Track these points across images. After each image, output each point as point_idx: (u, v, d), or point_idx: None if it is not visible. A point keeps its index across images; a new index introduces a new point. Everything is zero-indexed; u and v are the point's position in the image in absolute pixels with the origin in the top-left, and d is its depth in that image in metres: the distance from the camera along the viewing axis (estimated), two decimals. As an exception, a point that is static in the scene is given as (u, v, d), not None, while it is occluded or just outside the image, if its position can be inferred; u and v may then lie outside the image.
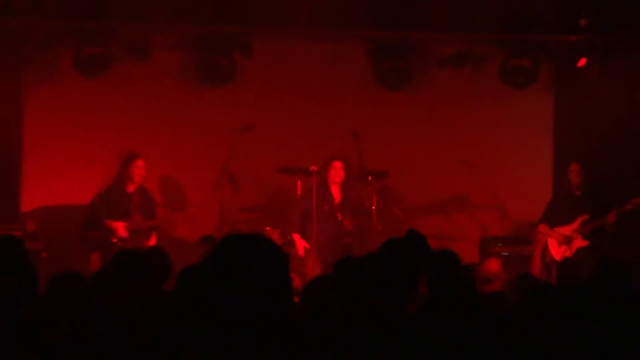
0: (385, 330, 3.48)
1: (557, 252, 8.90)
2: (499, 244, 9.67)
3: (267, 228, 9.36)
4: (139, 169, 8.82)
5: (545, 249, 9.13)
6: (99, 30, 9.56)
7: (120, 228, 8.69)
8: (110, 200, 8.74)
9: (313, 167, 9.19)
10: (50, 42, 9.72)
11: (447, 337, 3.42)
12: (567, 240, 8.83)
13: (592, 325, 3.76)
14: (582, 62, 9.93)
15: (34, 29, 9.56)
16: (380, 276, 4.05)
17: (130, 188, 8.85)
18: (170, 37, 10.07)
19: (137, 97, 10.09)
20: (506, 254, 9.37)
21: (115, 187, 8.85)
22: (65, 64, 9.74)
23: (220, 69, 9.91)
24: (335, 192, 9.17)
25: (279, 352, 2.45)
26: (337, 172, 9.10)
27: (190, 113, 10.18)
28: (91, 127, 9.96)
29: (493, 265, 6.33)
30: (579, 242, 8.80)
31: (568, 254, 8.81)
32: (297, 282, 6.14)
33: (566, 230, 8.87)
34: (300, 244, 8.98)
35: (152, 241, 8.91)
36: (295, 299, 4.36)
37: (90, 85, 9.85)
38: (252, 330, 2.44)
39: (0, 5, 9.11)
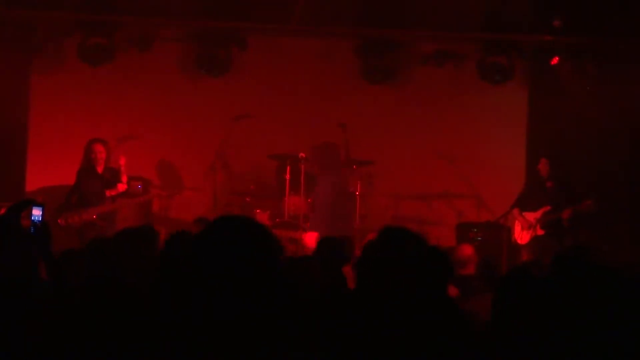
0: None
1: (520, 236, 9.31)
2: (474, 230, 9.90)
3: (257, 211, 9.71)
4: (100, 153, 9.01)
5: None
6: (104, 23, 9.90)
7: (120, 185, 9.02)
8: (90, 183, 8.98)
9: (301, 154, 9.58)
10: (57, 33, 10.06)
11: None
12: (531, 226, 9.20)
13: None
14: (555, 60, 10.31)
15: (43, 20, 9.94)
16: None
17: (100, 169, 9.06)
18: (171, 30, 10.36)
19: (138, 85, 10.38)
20: (480, 238, 9.65)
21: (89, 171, 9.00)
22: (72, 53, 10.05)
23: (217, 61, 10.22)
24: None
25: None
26: None
27: (188, 101, 10.47)
28: (94, 112, 10.20)
29: (466, 250, 6.66)
30: (538, 231, 9.22)
31: (526, 240, 9.25)
32: None
33: (532, 217, 9.26)
34: None
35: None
36: None
37: (94, 73, 10.15)
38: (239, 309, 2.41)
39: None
